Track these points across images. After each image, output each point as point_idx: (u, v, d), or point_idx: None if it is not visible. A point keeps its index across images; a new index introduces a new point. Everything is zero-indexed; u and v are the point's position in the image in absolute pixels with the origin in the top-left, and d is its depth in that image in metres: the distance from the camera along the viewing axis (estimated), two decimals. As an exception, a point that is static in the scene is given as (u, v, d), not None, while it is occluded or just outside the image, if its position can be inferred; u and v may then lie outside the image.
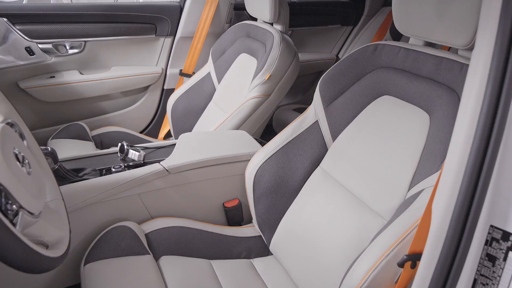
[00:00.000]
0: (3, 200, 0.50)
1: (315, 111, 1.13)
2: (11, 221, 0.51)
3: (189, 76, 2.02)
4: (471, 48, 0.83)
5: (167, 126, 2.09)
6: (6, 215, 0.50)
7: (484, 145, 0.47)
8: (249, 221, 1.32)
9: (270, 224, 1.13)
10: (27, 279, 1.00)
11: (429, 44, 0.98)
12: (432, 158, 0.82)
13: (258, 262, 1.14)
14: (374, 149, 0.98)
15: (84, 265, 0.96)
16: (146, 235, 1.08)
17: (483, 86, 0.48)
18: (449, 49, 1.17)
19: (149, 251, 1.03)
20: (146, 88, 2.08)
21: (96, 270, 0.93)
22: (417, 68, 0.94)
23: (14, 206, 0.52)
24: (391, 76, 0.99)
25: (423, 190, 0.78)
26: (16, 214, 0.53)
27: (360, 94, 1.05)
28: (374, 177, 0.95)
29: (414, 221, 0.74)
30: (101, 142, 1.79)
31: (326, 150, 1.11)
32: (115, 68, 1.97)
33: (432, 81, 0.90)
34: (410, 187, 0.86)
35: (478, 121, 0.48)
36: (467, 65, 0.84)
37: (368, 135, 1.01)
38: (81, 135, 1.73)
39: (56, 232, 0.65)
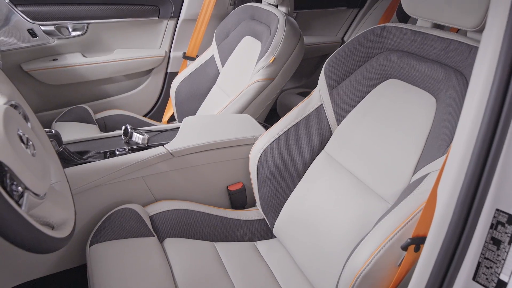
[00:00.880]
0: (8, 181, 0.51)
1: (320, 95, 1.12)
2: (16, 202, 0.51)
3: (192, 59, 2.01)
4: (480, 30, 0.82)
5: (170, 109, 2.08)
6: (11, 196, 0.50)
7: (492, 129, 0.47)
8: (253, 204, 1.32)
9: (274, 207, 1.13)
10: (34, 259, 1.02)
11: (437, 26, 0.96)
12: (438, 142, 0.82)
13: (261, 245, 1.15)
14: (380, 133, 0.97)
15: (90, 246, 0.97)
16: (151, 217, 1.09)
17: (492, 69, 0.47)
18: (457, 31, 1.15)
19: (153, 233, 1.04)
20: (149, 71, 2.07)
21: (101, 251, 0.95)
22: (424, 50, 0.93)
23: (19, 187, 0.52)
24: (397, 59, 0.98)
25: (428, 174, 0.78)
26: (21, 195, 0.53)
27: (365, 78, 1.04)
28: (378, 161, 0.95)
29: (418, 205, 0.74)
30: (105, 125, 1.80)
31: (331, 134, 1.10)
32: (118, 51, 1.96)
33: (439, 64, 0.89)
34: (415, 171, 0.86)
35: (486, 105, 0.47)
36: (476, 48, 0.82)
37: (373, 118, 1.00)
38: (85, 118, 1.73)
39: (61, 213, 0.65)
